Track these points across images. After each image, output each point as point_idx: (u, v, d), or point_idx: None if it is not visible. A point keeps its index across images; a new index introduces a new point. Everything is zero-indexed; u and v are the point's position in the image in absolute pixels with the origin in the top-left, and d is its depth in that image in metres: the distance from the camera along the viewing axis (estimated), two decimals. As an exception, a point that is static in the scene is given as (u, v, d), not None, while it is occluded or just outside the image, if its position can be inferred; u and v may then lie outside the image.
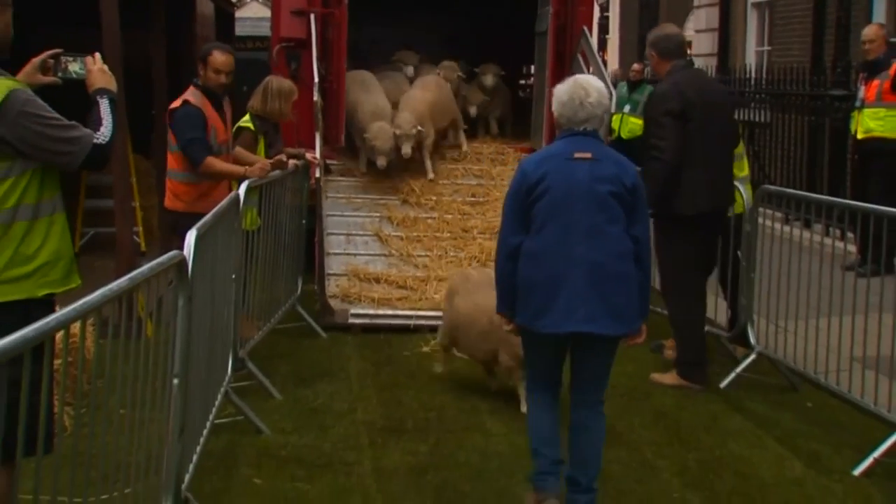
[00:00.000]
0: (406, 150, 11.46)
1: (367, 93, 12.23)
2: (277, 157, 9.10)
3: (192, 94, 8.42)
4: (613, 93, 11.73)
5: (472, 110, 13.62)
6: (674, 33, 9.00)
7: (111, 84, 5.29)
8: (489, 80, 13.73)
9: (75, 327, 3.73)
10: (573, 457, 5.80)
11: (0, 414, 3.09)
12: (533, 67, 15.28)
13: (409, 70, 13.67)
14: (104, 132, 5.02)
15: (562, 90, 5.88)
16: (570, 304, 5.56)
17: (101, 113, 5.10)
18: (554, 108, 5.92)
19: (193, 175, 8.37)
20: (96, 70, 5.27)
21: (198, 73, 8.56)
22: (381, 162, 11.42)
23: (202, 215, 7.25)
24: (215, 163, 8.35)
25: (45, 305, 4.71)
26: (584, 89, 5.79)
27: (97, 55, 5.37)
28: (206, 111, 8.36)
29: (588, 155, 5.72)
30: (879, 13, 15.77)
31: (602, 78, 11.57)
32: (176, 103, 8.47)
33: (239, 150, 9.00)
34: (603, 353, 5.83)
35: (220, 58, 8.44)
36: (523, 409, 7.30)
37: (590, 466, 5.78)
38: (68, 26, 9.62)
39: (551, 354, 5.90)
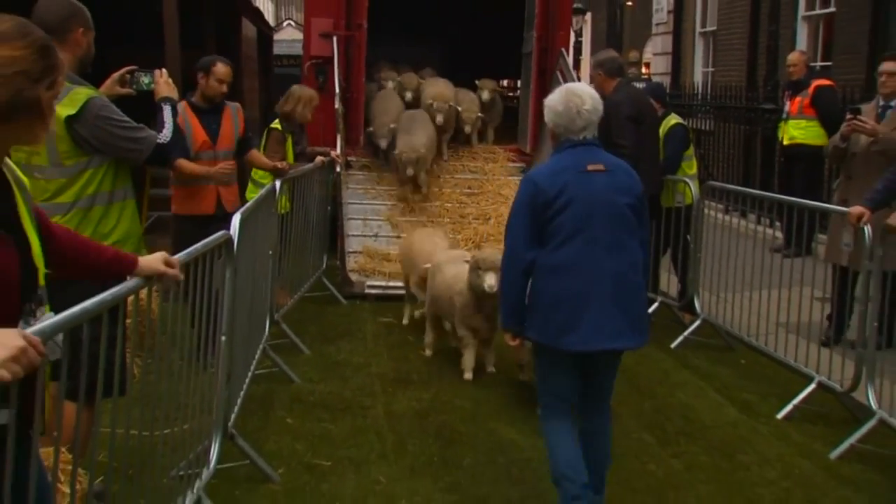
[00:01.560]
0: (409, 171, 10.93)
1: (413, 124, 11.45)
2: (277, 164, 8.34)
3: None
4: None
5: (467, 129, 12.73)
6: (616, 56, 9.11)
7: (173, 93, 5.33)
8: (486, 94, 13.34)
9: (143, 293, 3.75)
10: (587, 461, 4.91)
11: (84, 363, 3.11)
12: (519, 82, 15.25)
13: (408, 95, 12.81)
14: (165, 133, 5.06)
15: (555, 100, 4.89)
16: (599, 320, 4.67)
17: (164, 118, 5.14)
18: (549, 118, 4.93)
19: (179, 180, 7.52)
20: (162, 82, 5.31)
21: (197, 82, 7.69)
22: (410, 171, 10.92)
23: (188, 217, 7.38)
24: (184, 164, 7.27)
25: (118, 276, 4.74)
26: (578, 97, 4.83)
27: (164, 70, 5.40)
28: (185, 118, 7.37)
29: (601, 167, 4.82)
30: (802, 42, 15.95)
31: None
32: None
33: (253, 153, 8.26)
34: (617, 364, 5.05)
35: (222, 68, 7.72)
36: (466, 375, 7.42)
37: (603, 467, 5.05)
38: (137, 46, 9.60)
39: (572, 372, 4.91)
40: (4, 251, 2.74)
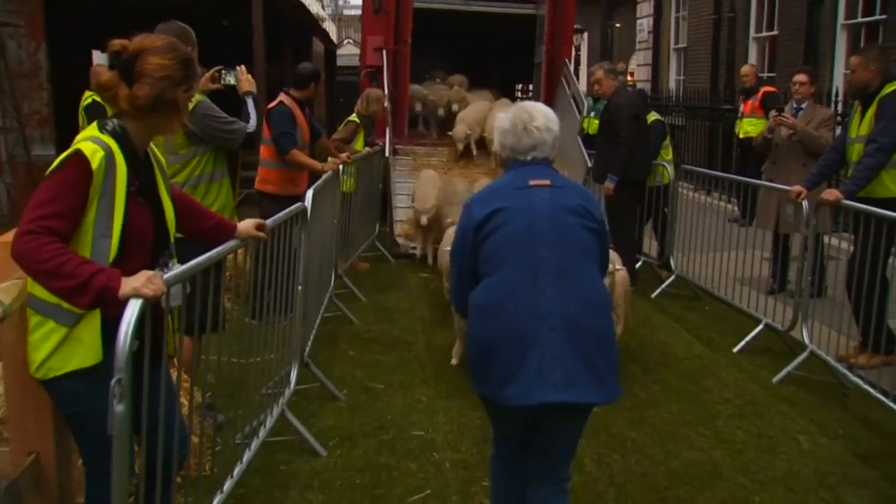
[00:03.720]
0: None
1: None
2: (337, 159, 7.84)
3: (285, 99, 7.16)
4: (585, 103, 11.52)
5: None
6: (616, 64, 9.06)
7: (254, 87, 5.34)
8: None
9: (239, 252, 3.80)
10: None
11: (196, 305, 3.17)
12: (531, 86, 15.18)
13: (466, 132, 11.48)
14: (252, 123, 5.09)
15: (502, 118, 3.36)
16: (544, 366, 2.99)
17: (249, 109, 5.17)
18: (496, 140, 3.38)
19: (283, 164, 7.03)
20: (244, 79, 5.33)
21: (303, 87, 7.25)
22: (460, 146, 11.05)
23: (286, 197, 6.76)
24: (299, 155, 7.03)
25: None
26: (527, 113, 3.29)
27: (243, 67, 5.42)
28: (295, 112, 7.13)
29: (546, 182, 3.21)
30: (752, 57, 16.03)
31: (578, 94, 11.53)
32: (272, 104, 7.21)
33: (323, 139, 7.99)
34: (578, 420, 3.26)
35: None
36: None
37: None
38: (230, 61, 9.66)
39: (521, 424, 3.27)
40: (143, 214, 2.83)
